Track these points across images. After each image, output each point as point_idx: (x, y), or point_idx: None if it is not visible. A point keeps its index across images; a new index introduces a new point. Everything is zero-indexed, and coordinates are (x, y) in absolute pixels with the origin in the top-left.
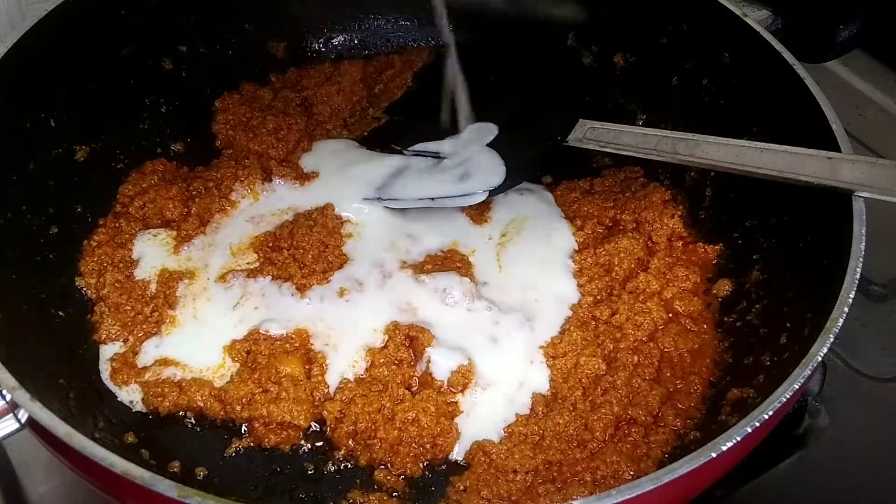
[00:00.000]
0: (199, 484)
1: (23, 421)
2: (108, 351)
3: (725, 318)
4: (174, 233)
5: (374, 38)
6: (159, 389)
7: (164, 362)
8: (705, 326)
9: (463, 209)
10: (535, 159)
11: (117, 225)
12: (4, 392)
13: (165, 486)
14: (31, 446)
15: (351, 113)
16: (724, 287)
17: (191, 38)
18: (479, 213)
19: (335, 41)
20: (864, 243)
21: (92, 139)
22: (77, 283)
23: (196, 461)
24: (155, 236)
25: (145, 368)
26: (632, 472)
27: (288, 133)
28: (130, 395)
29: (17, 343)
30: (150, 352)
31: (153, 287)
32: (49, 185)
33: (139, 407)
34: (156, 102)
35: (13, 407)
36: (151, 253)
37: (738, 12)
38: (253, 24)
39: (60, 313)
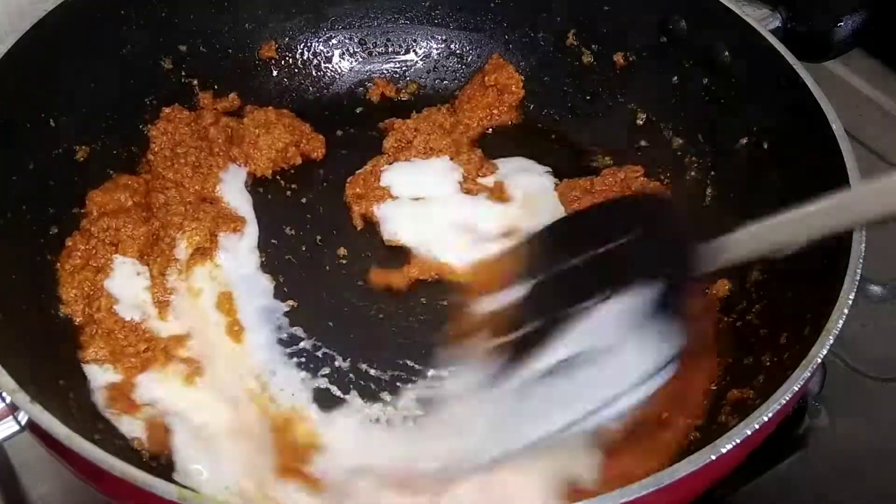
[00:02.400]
0: None
1: (23, 423)
2: (98, 377)
3: (725, 318)
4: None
5: (375, 38)
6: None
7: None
8: (705, 325)
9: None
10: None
11: (89, 247)
12: (4, 394)
13: (165, 489)
14: (32, 448)
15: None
16: (723, 287)
17: (191, 38)
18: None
19: (335, 40)
20: (864, 243)
21: (92, 139)
22: (62, 312)
23: None
24: (133, 266)
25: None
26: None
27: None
28: (133, 429)
29: (17, 344)
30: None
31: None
32: (49, 185)
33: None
34: (155, 102)
35: (13, 409)
36: (130, 294)
37: (738, 12)
38: (253, 24)
39: (60, 314)
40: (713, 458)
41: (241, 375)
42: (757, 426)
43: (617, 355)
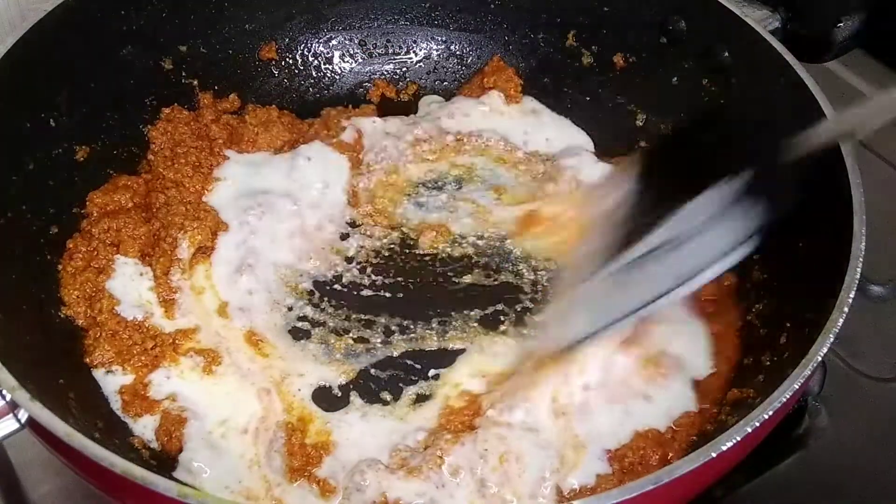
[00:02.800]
0: None
1: (23, 421)
2: (109, 381)
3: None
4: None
5: (375, 39)
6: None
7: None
8: (723, 306)
9: None
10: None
11: (91, 248)
12: (4, 392)
13: (165, 486)
14: (32, 446)
15: None
16: (729, 280)
17: (191, 38)
18: None
19: (335, 41)
20: (864, 243)
21: (92, 139)
22: (63, 314)
23: None
24: (135, 267)
25: (159, 402)
26: (658, 455)
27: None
28: (147, 429)
29: (17, 343)
30: (161, 384)
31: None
32: (49, 185)
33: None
34: (155, 102)
35: (13, 407)
36: (132, 294)
37: (738, 12)
38: (254, 25)
39: (60, 314)
40: (713, 455)
41: (260, 366)
42: (757, 424)
43: (701, 236)
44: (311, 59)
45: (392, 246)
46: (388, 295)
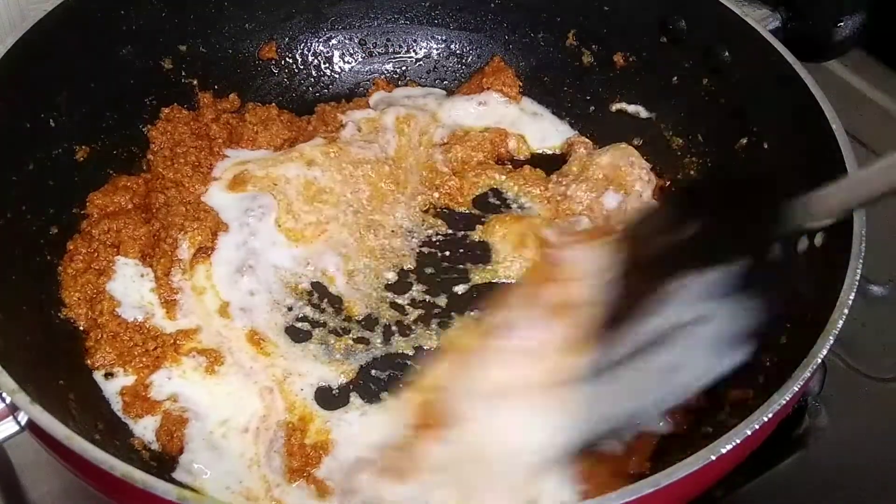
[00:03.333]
0: None
1: (23, 423)
2: (109, 383)
3: None
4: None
5: (375, 38)
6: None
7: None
8: None
9: None
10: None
11: (91, 249)
12: (4, 395)
13: (164, 490)
14: (32, 449)
15: None
16: None
17: (191, 37)
18: None
19: (335, 41)
20: (864, 243)
21: (92, 139)
22: (63, 315)
23: None
24: (136, 268)
25: (160, 402)
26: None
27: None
28: (147, 429)
29: (17, 344)
30: (163, 385)
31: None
32: (49, 185)
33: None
34: (155, 102)
35: (13, 409)
36: (133, 295)
37: (738, 12)
38: (254, 24)
39: (61, 315)
40: (713, 458)
41: (263, 365)
42: (757, 426)
43: (694, 334)
44: (310, 58)
45: None
46: None
